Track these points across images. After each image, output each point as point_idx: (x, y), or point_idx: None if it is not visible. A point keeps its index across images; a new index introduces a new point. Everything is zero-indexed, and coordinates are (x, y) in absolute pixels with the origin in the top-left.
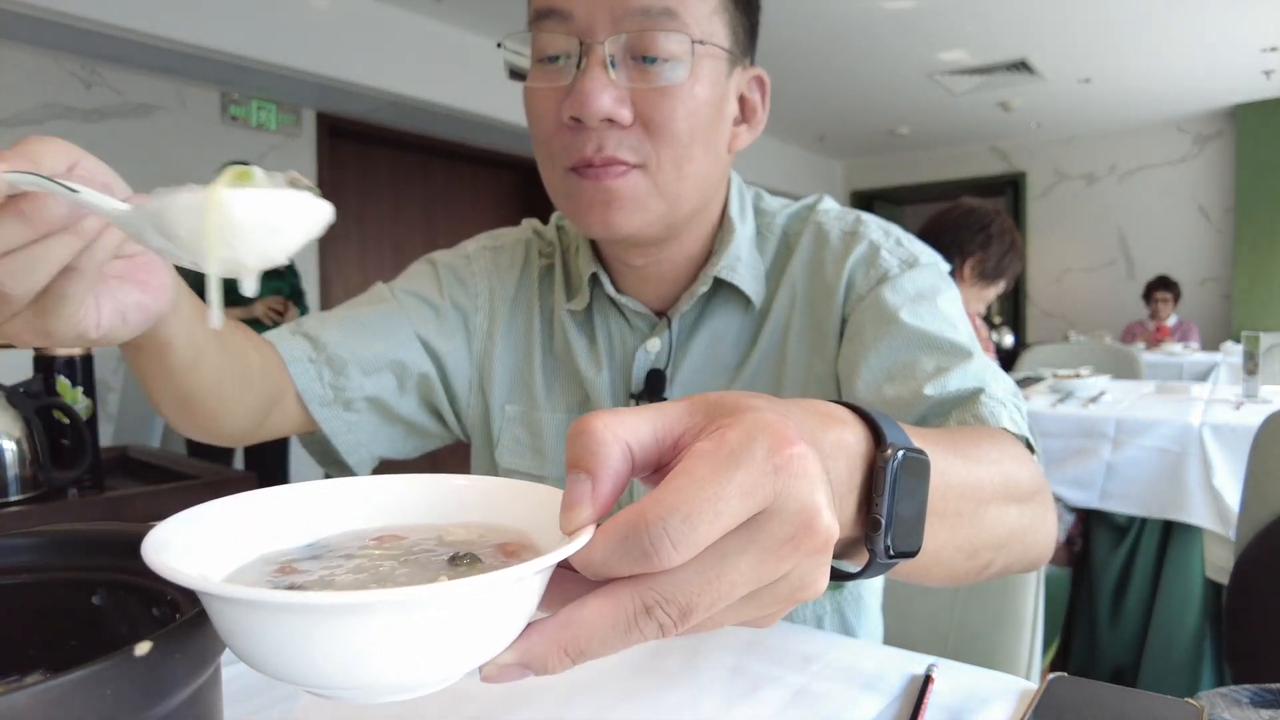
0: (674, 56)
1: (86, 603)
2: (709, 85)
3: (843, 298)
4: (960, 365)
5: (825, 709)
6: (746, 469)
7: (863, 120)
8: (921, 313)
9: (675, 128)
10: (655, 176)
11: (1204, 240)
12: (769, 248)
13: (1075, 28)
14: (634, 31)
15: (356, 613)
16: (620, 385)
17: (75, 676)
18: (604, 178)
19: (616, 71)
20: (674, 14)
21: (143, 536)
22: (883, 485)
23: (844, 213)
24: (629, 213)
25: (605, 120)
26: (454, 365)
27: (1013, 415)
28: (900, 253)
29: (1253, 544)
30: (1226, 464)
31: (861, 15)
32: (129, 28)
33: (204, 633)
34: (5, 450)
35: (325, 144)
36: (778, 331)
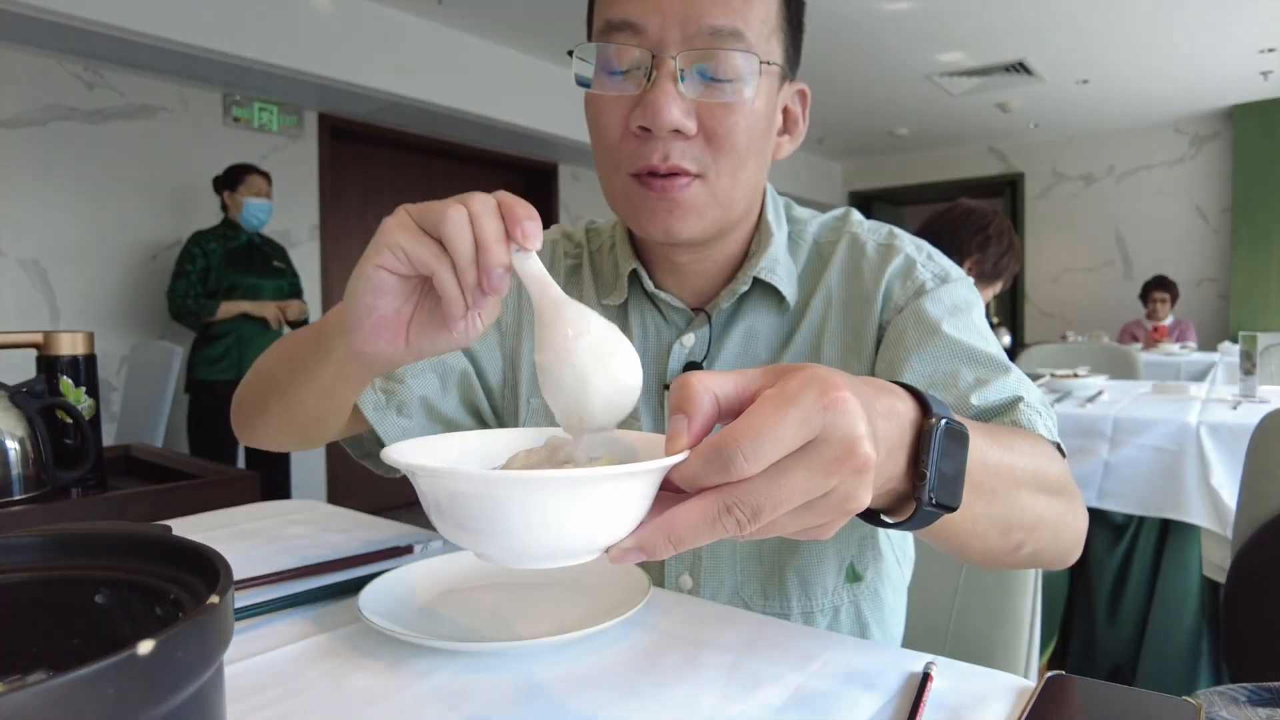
0: (739, 74)
1: (89, 601)
2: (765, 100)
3: (880, 305)
4: (999, 378)
5: (824, 706)
6: (800, 406)
7: (862, 121)
8: (960, 325)
9: (735, 140)
10: (714, 185)
11: (1201, 241)
12: (800, 254)
13: (1073, 29)
14: (702, 49)
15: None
16: (653, 377)
17: (78, 675)
18: (669, 189)
19: (685, 85)
20: (740, 34)
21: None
22: (929, 444)
23: (876, 226)
24: (689, 220)
25: (673, 131)
26: (488, 362)
27: (1046, 423)
28: (932, 267)
29: (1250, 542)
30: (1223, 463)
31: (860, 17)
32: (131, 29)
33: (207, 631)
34: (9, 450)
35: (327, 145)
36: (813, 332)
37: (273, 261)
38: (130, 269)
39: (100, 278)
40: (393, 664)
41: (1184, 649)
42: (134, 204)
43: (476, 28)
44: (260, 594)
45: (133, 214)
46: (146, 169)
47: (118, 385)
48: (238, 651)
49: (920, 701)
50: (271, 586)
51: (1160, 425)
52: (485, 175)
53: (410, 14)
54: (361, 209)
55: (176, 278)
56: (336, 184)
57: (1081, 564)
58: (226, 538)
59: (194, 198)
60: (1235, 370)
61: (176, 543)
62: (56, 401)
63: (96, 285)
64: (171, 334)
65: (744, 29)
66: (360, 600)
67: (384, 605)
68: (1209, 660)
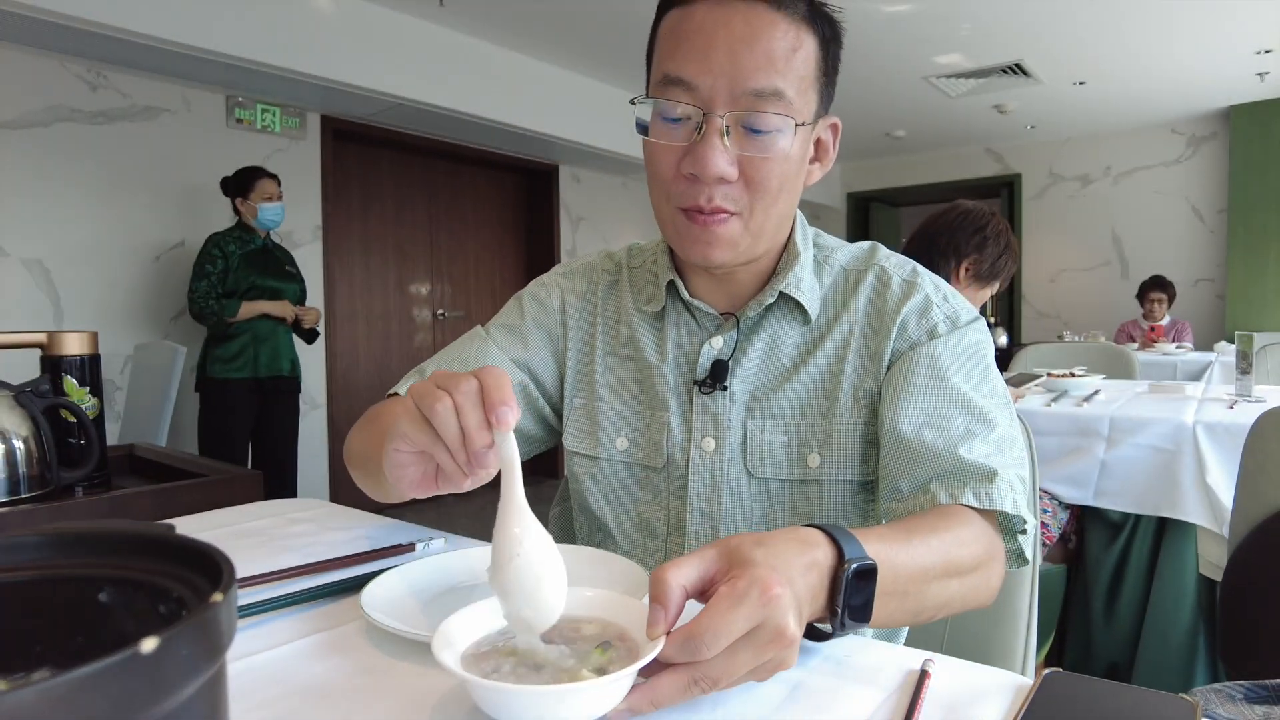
0: (778, 130)
1: (93, 600)
2: (799, 147)
3: (895, 333)
4: (985, 434)
5: (823, 703)
6: (747, 604)
7: (859, 123)
8: (966, 372)
9: (770, 185)
10: (748, 221)
11: (1198, 241)
12: (825, 276)
13: (1070, 31)
14: (746, 110)
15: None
16: (684, 374)
17: (82, 673)
18: (711, 225)
19: (729, 139)
20: (781, 95)
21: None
22: (840, 587)
23: (903, 263)
24: (725, 250)
25: (718, 179)
26: (544, 372)
27: (1015, 499)
28: (946, 308)
29: (1246, 541)
30: (1220, 462)
31: (858, 19)
32: (134, 31)
33: (210, 629)
34: (14, 449)
35: (329, 146)
36: (837, 350)
37: (285, 266)
38: (134, 269)
39: (104, 278)
40: (394, 661)
41: (1180, 647)
42: (137, 205)
43: (478, 30)
44: (263, 592)
45: (136, 215)
46: (149, 170)
47: (122, 385)
48: (240, 649)
49: (918, 698)
50: (274, 584)
51: (1157, 424)
52: (485, 175)
53: (412, 16)
54: (363, 210)
55: (197, 278)
56: (339, 185)
57: (1078, 562)
58: (229, 536)
59: (197, 199)
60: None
61: (180, 541)
62: (61, 401)
63: (100, 285)
64: (175, 334)
65: (784, 89)
66: (363, 597)
67: (386, 602)
68: (1205, 658)
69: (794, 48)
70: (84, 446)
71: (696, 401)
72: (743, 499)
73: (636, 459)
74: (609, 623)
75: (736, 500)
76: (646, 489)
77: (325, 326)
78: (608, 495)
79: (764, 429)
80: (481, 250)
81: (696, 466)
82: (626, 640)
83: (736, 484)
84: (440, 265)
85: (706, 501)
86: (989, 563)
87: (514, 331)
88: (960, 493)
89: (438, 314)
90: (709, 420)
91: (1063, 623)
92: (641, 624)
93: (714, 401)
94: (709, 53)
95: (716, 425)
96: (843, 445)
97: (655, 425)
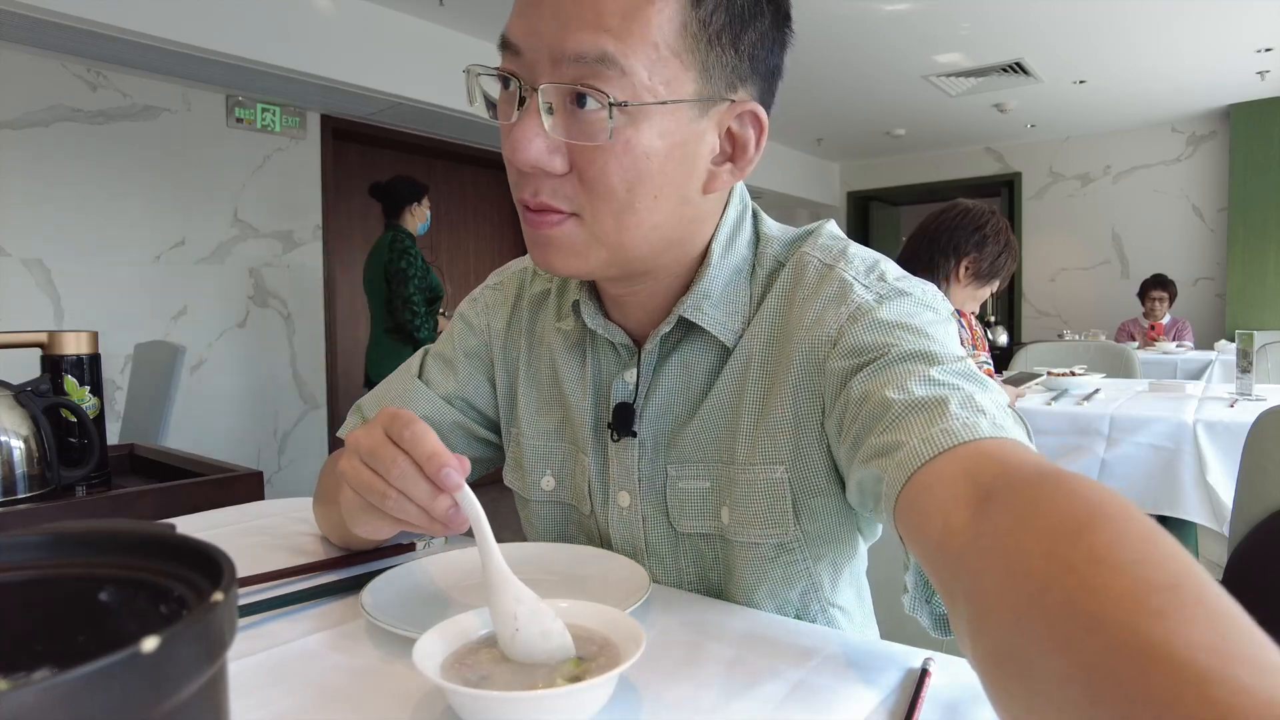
0: (612, 108)
1: (94, 599)
2: (657, 135)
3: (804, 351)
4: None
5: (824, 702)
6: None
7: (859, 122)
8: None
9: (610, 183)
10: (592, 227)
11: (1198, 240)
12: (758, 281)
13: (1070, 30)
14: (569, 80)
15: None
16: (602, 414)
17: (83, 673)
18: (540, 225)
19: (553, 118)
20: (612, 60)
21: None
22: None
23: (832, 244)
24: (566, 257)
25: (535, 168)
26: (481, 399)
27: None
28: (880, 288)
29: (1246, 540)
30: (1220, 461)
31: (859, 18)
32: (134, 30)
33: (211, 628)
34: (14, 449)
35: (329, 146)
36: (738, 368)
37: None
38: (134, 269)
39: (104, 277)
40: (396, 661)
41: None
42: (137, 204)
43: (478, 29)
44: (263, 591)
45: (136, 214)
46: (150, 170)
47: (122, 384)
48: (241, 648)
49: (919, 697)
50: (274, 584)
51: (1157, 423)
52: (484, 175)
53: (412, 15)
54: (363, 210)
55: (409, 284)
56: (339, 184)
57: None
58: (230, 535)
59: (197, 198)
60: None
61: (180, 540)
62: (61, 401)
63: (100, 285)
64: (176, 333)
65: (617, 53)
66: (363, 596)
67: (386, 602)
68: None
69: (643, 1)
70: (84, 446)
71: (611, 450)
72: (665, 559)
73: (565, 498)
74: (591, 630)
75: (659, 561)
76: (579, 531)
77: (325, 326)
78: (541, 537)
79: (683, 475)
80: (481, 249)
81: (614, 522)
82: (607, 649)
83: (657, 542)
84: (439, 264)
85: (631, 558)
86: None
87: (446, 363)
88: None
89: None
90: (622, 472)
91: None
92: (623, 633)
93: (625, 450)
94: (537, 5)
95: (629, 477)
96: (746, 500)
97: (579, 468)
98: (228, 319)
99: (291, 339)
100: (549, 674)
